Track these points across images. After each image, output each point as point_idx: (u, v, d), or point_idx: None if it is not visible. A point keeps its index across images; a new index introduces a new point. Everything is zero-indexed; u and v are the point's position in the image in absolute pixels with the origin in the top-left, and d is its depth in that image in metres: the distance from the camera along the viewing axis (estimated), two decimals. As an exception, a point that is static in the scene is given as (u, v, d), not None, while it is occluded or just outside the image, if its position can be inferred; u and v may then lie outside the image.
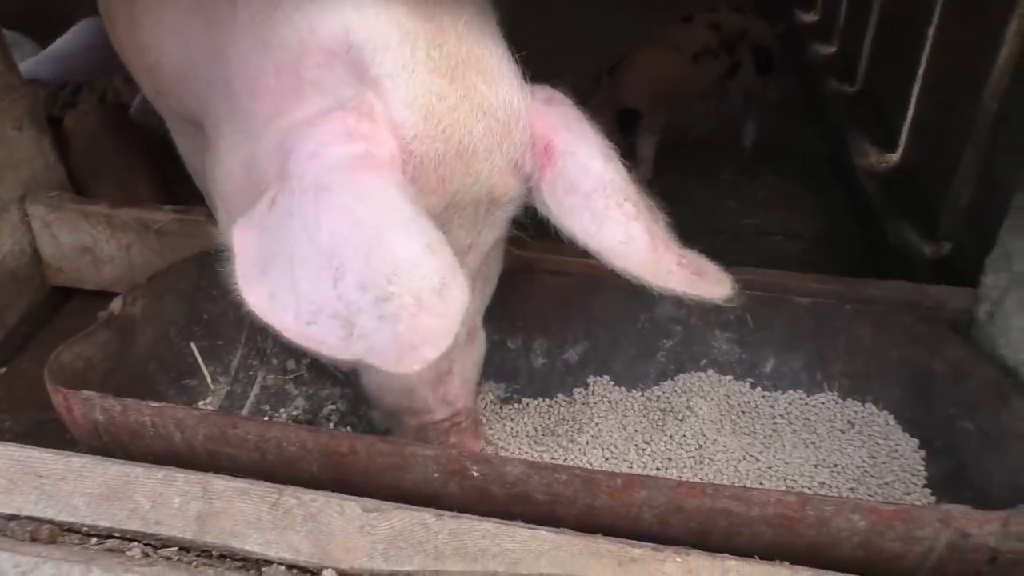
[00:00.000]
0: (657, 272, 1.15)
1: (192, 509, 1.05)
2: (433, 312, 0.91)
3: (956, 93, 2.18)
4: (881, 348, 1.55)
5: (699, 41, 2.65)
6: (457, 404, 1.34)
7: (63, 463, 1.09)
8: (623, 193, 1.16)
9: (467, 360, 1.36)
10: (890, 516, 1.07)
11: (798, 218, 2.63)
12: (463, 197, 1.14)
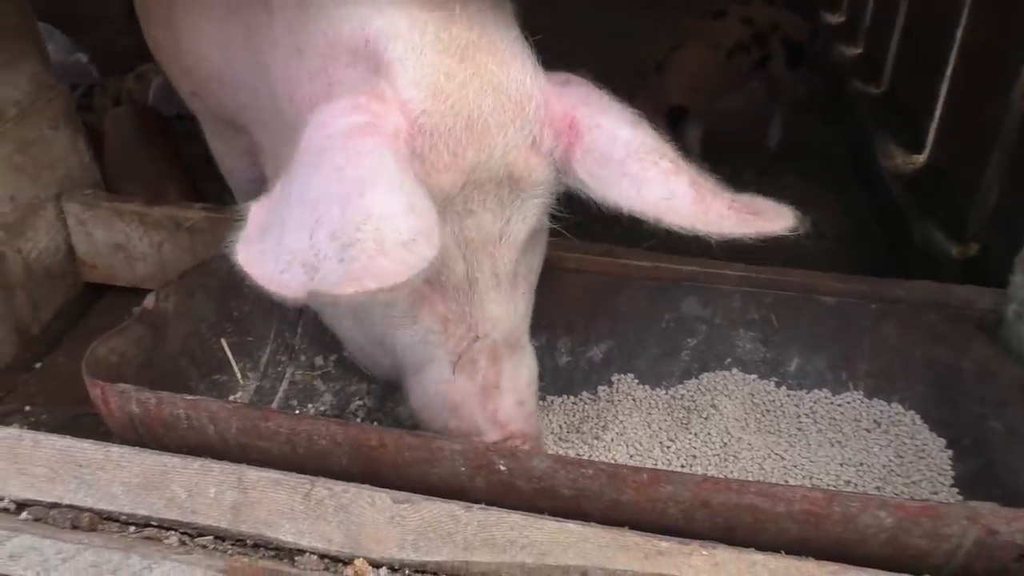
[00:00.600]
0: (708, 220, 1.12)
1: (227, 499, 1.07)
2: (392, 258, 0.92)
3: (984, 94, 2.17)
4: (907, 347, 1.55)
5: (733, 36, 2.68)
6: (511, 426, 1.28)
7: (102, 453, 1.12)
8: (658, 152, 1.14)
9: (518, 375, 1.30)
10: (917, 513, 1.07)
11: (822, 219, 2.62)
12: (480, 175, 1.14)
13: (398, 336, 1.29)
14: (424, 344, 1.28)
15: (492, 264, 1.21)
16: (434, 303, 1.25)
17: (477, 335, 1.24)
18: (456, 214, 1.16)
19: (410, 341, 1.29)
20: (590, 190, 1.17)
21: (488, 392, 1.27)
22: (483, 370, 1.26)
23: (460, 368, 1.27)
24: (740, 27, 2.70)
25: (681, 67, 2.66)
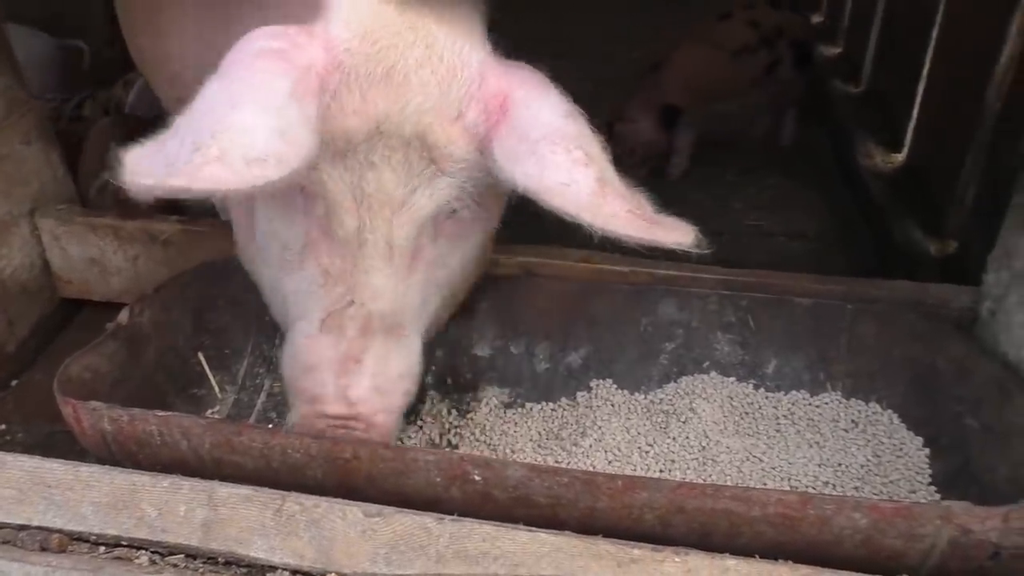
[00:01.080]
0: (598, 215, 1.08)
1: (198, 516, 1.06)
2: (226, 165, 0.95)
3: (960, 93, 2.18)
4: (884, 347, 1.55)
5: (739, 39, 2.68)
6: (359, 407, 1.22)
7: (71, 473, 1.11)
8: (574, 142, 1.11)
9: (386, 361, 1.24)
10: (891, 514, 1.07)
11: (804, 218, 2.64)
12: (390, 127, 1.11)
13: (286, 282, 1.27)
14: (304, 295, 1.24)
15: (387, 231, 1.18)
16: (320, 253, 1.22)
17: (353, 300, 1.21)
18: (358, 163, 1.14)
19: (294, 288, 1.26)
20: (501, 168, 1.13)
21: (346, 364, 1.22)
22: (349, 339, 1.21)
23: (327, 328, 1.22)
24: (746, 30, 2.71)
25: (679, 67, 2.66)
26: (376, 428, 1.23)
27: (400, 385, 1.26)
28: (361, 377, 1.22)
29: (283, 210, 1.24)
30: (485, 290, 1.68)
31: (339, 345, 1.21)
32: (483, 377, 1.68)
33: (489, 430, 1.58)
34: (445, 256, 1.28)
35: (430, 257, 1.25)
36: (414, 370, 1.29)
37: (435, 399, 1.67)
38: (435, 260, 1.26)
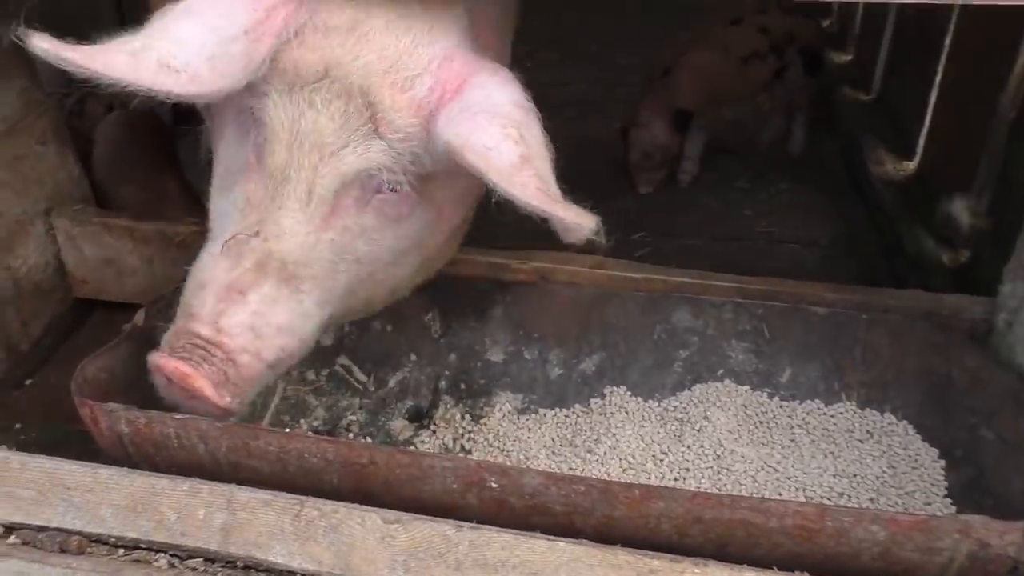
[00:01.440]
0: (510, 182, 1.08)
1: (217, 520, 1.07)
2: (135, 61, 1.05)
3: (973, 101, 2.17)
4: (899, 357, 1.55)
5: (749, 44, 2.69)
6: (224, 337, 1.16)
7: (90, 475, 1.12)
8: (515, 124, 1.12)
9: (272, 306, 1.19)
10: (909, 527, 1.07)
11: (814, 226, 2.63)
12: (338, 74, 1.15)
13: (218, 203, 1.28)
14: (225, 217, 1.25)
15: (311, 175, 1.18)
16: (249, 179, 1.22)
17: (259, 232, 1.19)
18: (302, 101, 1.16)
19: (220, 210, 1.27)
20: (438, 134, 1.14)
21: (230, 292, 1.18)
22: (242, 269, 1.18)
23: (226, 251, 1.20)
24: (756, 36, 2.72)
25: (690, 71, 2.67)
26: (236, 368, 1.17)
27: (277, 338, 1.20)
28: (238, 309, 1.17)
29: (235, 134, 1.26)
30: (499, 296, 1.68)
31: (231, 272, 1.18)
32: (496, 383, 1.68)
33: (503, 436, 1.58)
34: (371, 231, 1.25)
35: (351, 223, 1.23)
36: (298, 330, 1.22)
37: (448, 404, 1.67)
38: (358, 230, 1.24)
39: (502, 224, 2.52)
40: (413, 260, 1.36)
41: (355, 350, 1.73)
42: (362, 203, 1.23)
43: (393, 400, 1.69)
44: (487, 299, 1.70)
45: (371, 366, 1.72)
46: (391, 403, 1.69)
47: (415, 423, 1.66)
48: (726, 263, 2.34)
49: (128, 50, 1.07)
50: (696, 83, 2.68)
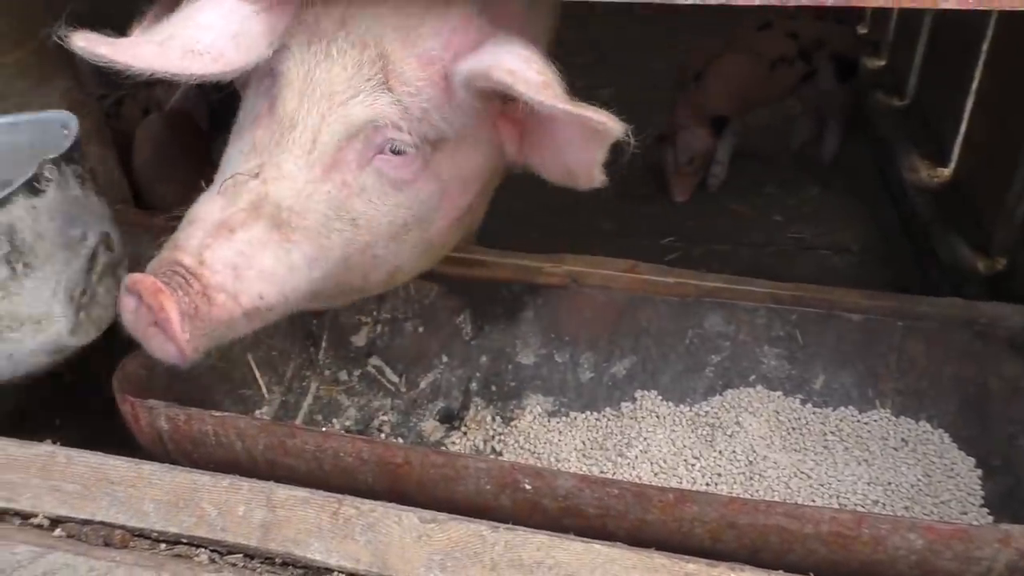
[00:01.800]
0: (540, 91, 1.09)
1: (256, 517, 1.08)
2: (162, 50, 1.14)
3: (1010, 107, 2.15)
4: (935, 365, 1.53)
5: (778, 49, 2.69)
6: (205, 271, 1.12)
7: (134, 470, 1.14)
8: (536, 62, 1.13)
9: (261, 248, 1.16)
10: (948, 535, 1.06)
11: (845, 232, 2.62)
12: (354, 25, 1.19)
13: (229, 150, 1.28)
14: (231, 160, 1.25)
15: (317, 123, 1.19)
16: (259, 126, 1.24)
17: (259, 174, 1.19)
18: (319, 52, 1.20)
19: (228, 155, 1.27)
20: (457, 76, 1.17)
21: (220, 229, 1.16)
22: (236, 208, 1.17)
23: (223, 190, 1.19)
24: (785, 41, 2.72)
25: (721, 77, 2.68)
26: (210, 305, 1.12)
27: (258, 282, 1.16)
28: (224, 245, 1.15)
29: (255, 91, 1.28)
30: (530, 298, 1.69)
31: (225, 210, 1.17)
32: (527, 385, 1.69)
33: (533, 438, 1.59)
34: (371, 192, 1.24)
35: (351, 179, 1.22)
36: (281, 281, 1.19)
37: (479, 406, 1.68)
38: (357, 187, 1.23)
39: (534, 225, 2.53)
40: (414, 239, 1.32)
41: (387, 351, 1.75)
42: (364, 160, 1.23)
43: (424, 401, 1.70)
44: (518, 302, 1.70)
45: (403, 367, 1.74)
46: (422, 404, 1.70)
47: (446, 424, 1.67)
48: (755, 268, 2.34)
49: (156, 40, 1.13)
50: (728, 88, 2.68)
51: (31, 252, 1.25)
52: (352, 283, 1.33)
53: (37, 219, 1.25)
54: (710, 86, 2.67)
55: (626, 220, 2.68)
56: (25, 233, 1.23)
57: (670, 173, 2.73)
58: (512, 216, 2.64)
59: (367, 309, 1.76)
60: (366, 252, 1.27)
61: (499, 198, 2.04)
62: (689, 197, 2.77)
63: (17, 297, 1.25)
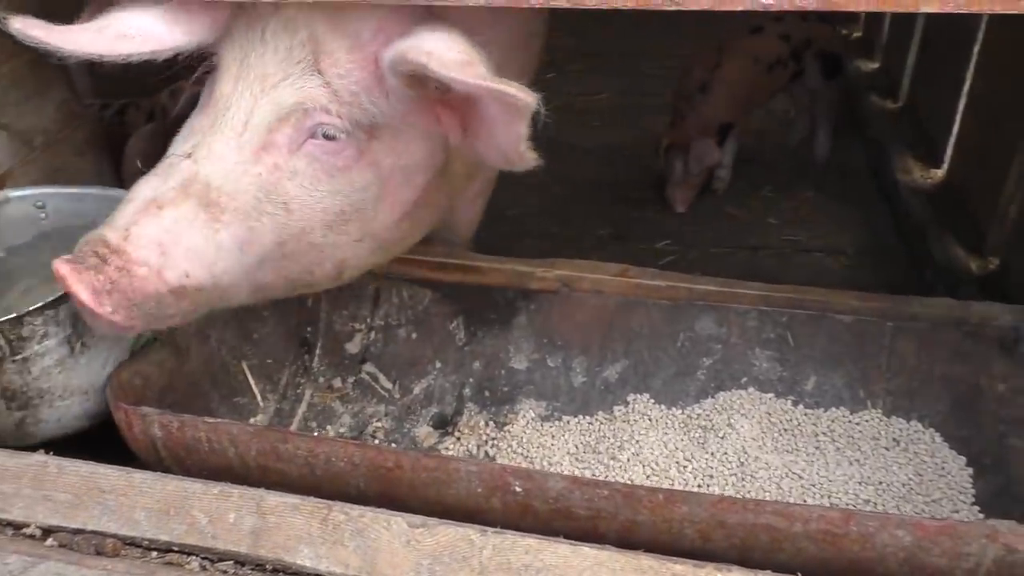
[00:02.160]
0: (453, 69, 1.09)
1: (247, 524, 1.09)
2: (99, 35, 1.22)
3: (1002, 109, 2.16)
4: (926, 365, 1.54)
5: (774, 52, 2.72)
6: (128, 246, 1.13)
7: (125, 479, 1.14)
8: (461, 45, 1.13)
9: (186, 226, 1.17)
10: (936, 531, 1.07)
11: (840, 234, 2.63)
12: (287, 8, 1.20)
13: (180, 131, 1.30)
14: (174, 143, 1.27)
15: (249, 106, 1.21)
16: (201, 110, 1.27)
17: (191, 155, 1.21)
18: (255, 37, 1.22)
19: (176, 137, 1.28)
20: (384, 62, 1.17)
21: (149, 206, 1.17)
22: (166, 187, 1.18)
23: (157, 171, 1.22)
24: (779, 43, 2.74)
25: (728, 85, 2.70)
26: (131, 279, 1.13)
27: (184, 260, 1.17)
28: (151, 221, 1.16)
29: (208, 79, 1.30)
30: (523, 304, 1.70)
31: (158, 188, 1.19)
32: (520, 390, 1.70)
33: (526, 443, 1.59)
34: (303, 176, 1.24)
35: (282, 162, 1.23)
36: (208, 261, 1.19)
37: (472, 411, 1.69)
38: (288, 171, 1.23)
39: (529, 231, 2.53)
40: (355, 231, 1.31)
41: (380, 358, 1.76)
42: (295, 143, 1.23)
43: (418, 407, 1.71)
44: (511, 307, 1.71)
45: (396, 373, 1.75)
46: (416, 410, 1.71)
47: (440, 430, 1.68)
48: (751, 271, 2.35)
49: (93, 28, 1.21)
50: (734, 95, 2.70)
51: (88, 333, 1.38)
52: (296, 274, 1.33)
53: None
54: (717, 96, 2.68)
55: (621, 225, 2.69)
56: None
57: (675, 183, 2.73)
58: (507, 222, 2.66)
59: (361, 316, 1.77)
60: (302, 239, 1.27)
61: (495, 204, 2.06)
62: (687, 208, 2.77)
63: (72, 372, 1.39)
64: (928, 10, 0.99)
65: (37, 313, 1.32)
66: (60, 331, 1.35)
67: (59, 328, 1.35)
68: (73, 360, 1.38)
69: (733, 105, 2.71)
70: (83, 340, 1.38)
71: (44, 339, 1.34)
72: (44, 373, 1.36)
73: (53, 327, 1.34)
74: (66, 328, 1.36)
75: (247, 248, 1.22)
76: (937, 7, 0.97)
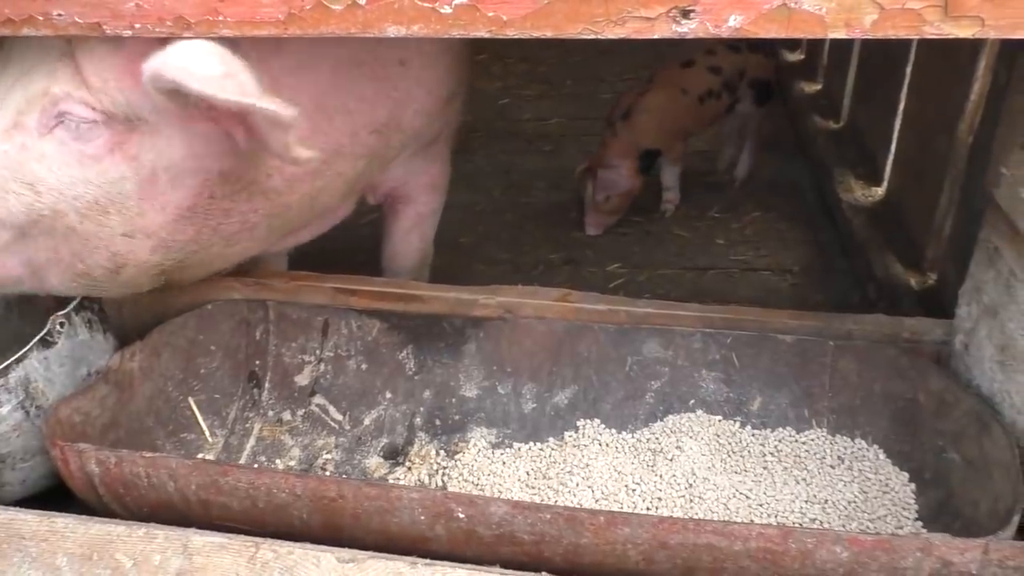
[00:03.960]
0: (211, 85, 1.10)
1: (172, 566, 1.07)
2: None
3: (934, 128, 2.23)
4: (867, 382, 1.57)
5: (704, 84, 2.77)
6: None
7: (46, 524, 1.12)
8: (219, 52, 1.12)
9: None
10: (872, 546, 1.09)
11: (786, 253, 2.68)
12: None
13: None
14: None
15: (7, 90, 1.27)
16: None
17: None
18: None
19: None
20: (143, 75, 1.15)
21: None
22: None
23: None
24: (709, 76, 2.80)
25: (651, 112, 2.74)
26: None
27: None
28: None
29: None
30: (472, 332, 1.70)
31: None
32: (471, 418, 1.70)
33: (477, 471, 1.59)
34: (52, 160, 1.27)
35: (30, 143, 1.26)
36: None
37: (423, 440, 1.68)
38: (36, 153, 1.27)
39: (479, 258, 2.54)
40: (116, 223, 1.33)
41: (330, 389, 1.75)
42: (44, 127, 1.26)
43: (368, 438, 1.70)
44: (460, 335, 1.72)
45: (346, 405, 1.74)
46: (366, 441, 1.70)
47: (390, 460, 1.67)
48: (700, 292, 2.39)
49: None
50: (659, 122, 2.75)
51: (42, 396, 1.44)
52: (68, 258, 1.37)
53: (48, 367, 1.45)
54: (637, 123, 2.72)
55: (573, 249, 2.71)
56: (38, 382, 1.43)
57: (587, 207, 2.78)
58: (459, 249, 2.67)
59: (310, 348, 1.76)
60: (57, 221, 1.31)
61: (446, 231, 2.07)
62: (602, 231, 2.79)
63: (30, 434, 1.43)
64: (836, 36, 1.02)
65: (-15, 381, 1.36)
66: (12, 397, 1.40)
67: (11, 395, 1.40)
68: (29, 423, 1.43)
69: (660, 133, 2.75)
70: (37, 403, 1.43)
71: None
72: (3, 439, 1.40)
73: (5, 394, 1.39)
74: (18, 394, 1.41)
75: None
76: (844, 33, 1.01)
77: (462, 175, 3.17)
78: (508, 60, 4.19)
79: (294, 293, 1.77)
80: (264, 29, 1.05)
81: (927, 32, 1.00)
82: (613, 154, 2.72)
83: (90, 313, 1.55)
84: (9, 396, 1.39)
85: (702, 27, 1.02)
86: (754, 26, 1.01)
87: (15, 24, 1.06)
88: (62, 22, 1.06)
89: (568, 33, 1.03)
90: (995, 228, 1.41)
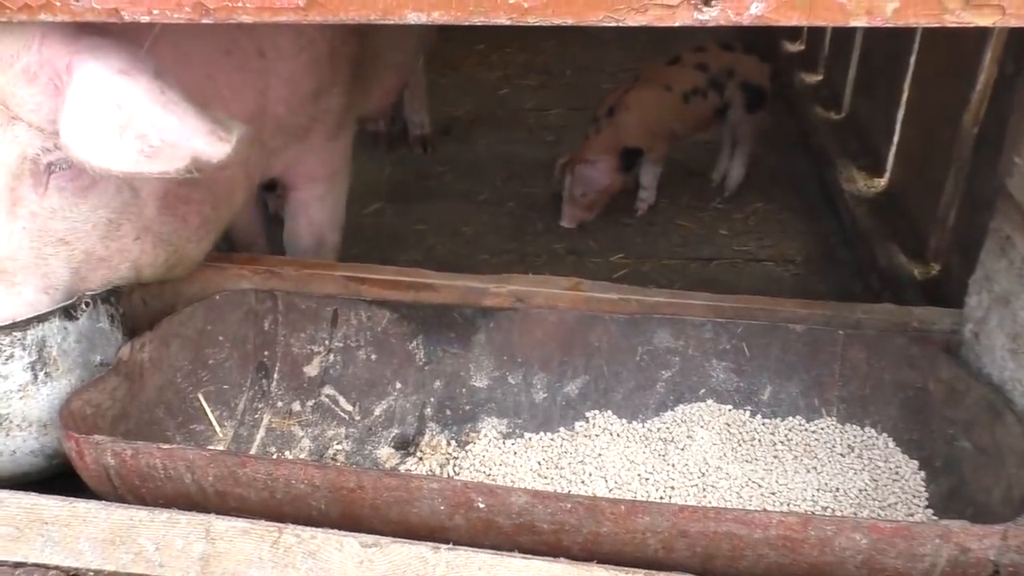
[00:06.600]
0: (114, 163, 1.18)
1: (195, 550, 1.07)
2: None
3: (938, 118, 2.23)
4: (876, 371, 1.57)
5: (689, 81, 2.74)
6: None
7: (68, 509, 1.12)
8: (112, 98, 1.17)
9: None
10: (891, 533, 1.09)
11: (789, 243, 2.69)
12: None
13: None
14: None
15: None
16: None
17: None
18: None
19: None
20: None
21: None
22: None
23: None
24: (695, 73, 2.78)
25: (635, 110, 2.73)
26: None
27: None
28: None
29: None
30: (482, 322, 1.70)
31: None
32: (482, 408, 1.69)
33: (489, 461, 1.59)
34: (64, 210, 1.32)
35: (37, 208, 1.30)
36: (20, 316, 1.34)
37: (434, 431, 1.68)
38: (47, 212, 1.31)
39: (484, 248, 2.55)
40: (128, 231, 1.41)
41: (340, 380, 1.74)
42: (40, 186, 1.29)
43: (379, 429, 1.70)
44: (470, 325, 1.71)
45: (356, 395, 1.73)
46: (377, 432, 1.70)
47: (401, 451, 1.66)
48: (704, 282, 2.39)
49: None
50: (642, 120, 2.73)
51: (53, 364, 1.43)
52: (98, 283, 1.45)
53: (66, 338, 1.44)
54: (620, 120, 2.71)
55: (576, 239, 2.72)
56: (53, 348, 1.42)
57: (565, 199, 2.77)
58: (462, 239, 2.67)
59: (319, 338, 1.76)
60: (91, 257, 1.39)
61: (449, 221, 2.09)
62: (576, 225, 2.78)
63: (32, 400, 1.42)
64: (857, 24, 1.02)
65: (4, 332, 1.35)
66: (25, 355, 1.39)
67: (24, 352, 1.38)
68: (35, 388, 1.41)
69: (643, 132, 2.73)
70: (47, 370, 1.42)
71: (8, 360, 1.36)
72: (4, 397, 1.38)
73: (19, 350, 1.38)
74: (32, 354, 1.39)
75: (52, 292, 1.37)
76: (865, 21, 1.01)
77: (463, 164, 3.19)
78: (507, 50, 4.19)
79: (305, 281, 1.76)
80: (283, 15, 1.04)
81: (947, 20, 1.00)
82: (594, 150, 2.71)
83: (113, 308, 1.57)
84: (23, 353, 1.38)
85: (723, 15, 1.01)
86: (776, 14, 1.01)
87: (32, 10, 1.05)
88: (79, 8, 1.04)
89: (589, 20, 1.03)
90: (1007, 217, 1.42)
